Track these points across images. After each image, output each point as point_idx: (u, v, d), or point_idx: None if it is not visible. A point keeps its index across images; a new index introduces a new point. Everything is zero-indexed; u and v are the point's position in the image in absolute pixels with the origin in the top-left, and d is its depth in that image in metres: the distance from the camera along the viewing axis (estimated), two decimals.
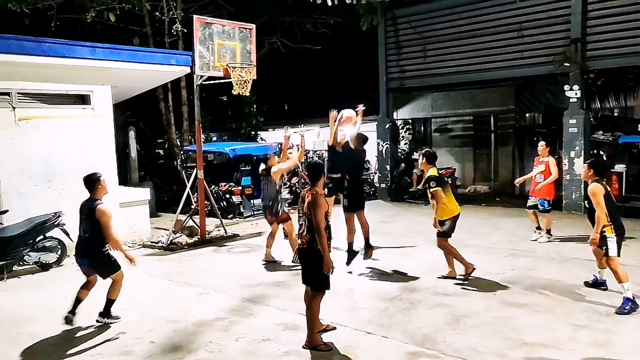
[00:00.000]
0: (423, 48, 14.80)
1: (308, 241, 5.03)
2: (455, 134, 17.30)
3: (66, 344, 5.32)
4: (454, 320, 5.63)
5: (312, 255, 5.02)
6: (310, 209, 4.96)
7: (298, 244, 5.31)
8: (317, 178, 5.23)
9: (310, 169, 5.51)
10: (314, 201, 4.98)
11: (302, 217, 5.11)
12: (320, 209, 4.94)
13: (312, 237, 4.96)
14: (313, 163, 5.57)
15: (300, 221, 5.16)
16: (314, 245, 4.96)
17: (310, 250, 5.03)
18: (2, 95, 8.58)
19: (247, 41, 10.33)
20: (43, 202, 8.75)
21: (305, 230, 5.05)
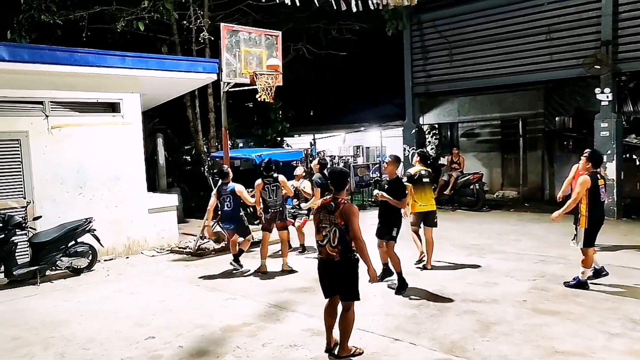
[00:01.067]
0: (449, 52, 14.69)
1: (340, 252, 4.76)
2: (482, 139, 17.08)
3: (97, 348, 5.40)
4: (483, 328, 5.53)
5: (347, 265, 4.81)
6: (345, 218, 4.70)
7: (321, 257, 4.96)
8: (343, 186, 4.97)
9: (336, 175, 5.09)
10: (350, 209, 4.75)
11: (327, 227, 4.80)
12: (356, 217, 4.74)
13: (345, 247, 4.74)
14: (338, 170, 5.37)
15: (324, 232, 4.83)
16: (350, 256, 4.78)
17: (344, 261, 4.80)
18: (36, 104, 8.83)
19: (273, 48, 10.42)
20: (75, 208, 8.96)
21: (336, 240, 4.75)
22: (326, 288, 5.03)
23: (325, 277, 5.00)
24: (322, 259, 4.94)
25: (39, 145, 8.77)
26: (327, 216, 4.82)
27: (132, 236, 9.89)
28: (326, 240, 4.82)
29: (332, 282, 4.95)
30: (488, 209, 13.77)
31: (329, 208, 4.85)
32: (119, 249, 9.73)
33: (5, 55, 8.01)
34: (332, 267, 4.88)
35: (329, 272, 4.94)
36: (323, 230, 4.85)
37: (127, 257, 9.68)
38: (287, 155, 14.68)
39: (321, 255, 4.95)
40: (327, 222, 4.82)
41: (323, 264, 4.96)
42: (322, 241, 4.88)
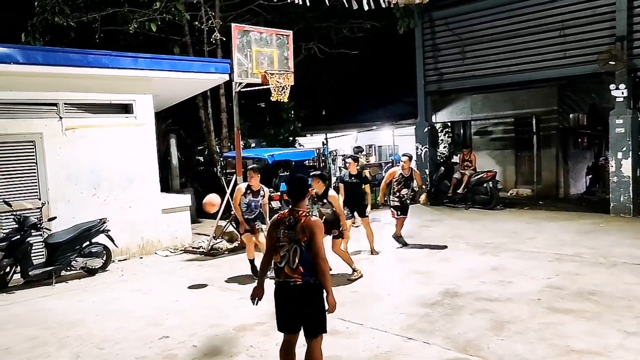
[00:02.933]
0: (461, 50, 14.60)
1: (302, 274, 3.98)
2: (495, 137, 16.95)
3: (112, 347, 5.44)
4: (498, 326, 5.49)
5: (311, 291, 4.02)
6: (307, 233, 3.96)
7: (279, 280, 4.11)
8: (303, 195, 4.21)
9: (293, 184, 4.35)
10: (314, 223, 4.02)
11: (285, 246, 4.03)
12: (321, 232, 4.02)
13: (308, 268, 3.97)
14: (296, 177, 4.43)
15: (282, 252, 4.05)
16: (314, 280, 4.00)
17: (307, 286, 4.00)
18: (50, 105, 8.92)
19: (284, 47, 10.42)
20: (89, 209, 9.04)
21: (297, 260, 3.98)
22: (284, 320, 4.18)
23: (283, 306, 4.14)
24: (280, 282, 4.10)
25: (53, 146, 8.86)
26: (286, 233, 4.06)
27: (145, 236, 9.96)
28: (284, 262, 4.04)
29: (292, 313, 4.09)
30: (502, 208, 13.66)
31: (287, 223, 4.08)
32: (133, 249, 9.80)
33: (20, 58, 8.12)
34: (293, 292, 4.03)
35: (289, 300, 4.08)
36: (281, 250, 4.06)
37: (141, 257, 9.74)
38: (299, 154, 14.70)
39: (279, 279, 4.11)
40: (285, 240, 4.05)
41: (281, 289, 4.11)
42: (280, 262, 4.08)
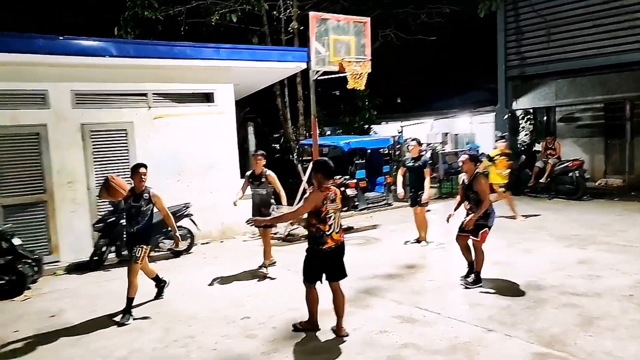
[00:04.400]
0: (547, 32, 13.89)
1: (342, 234, 5.26)
2: (583, 124, 16.03)
3: (199, 324, 5.74)
4: (585, 322, 5.24)
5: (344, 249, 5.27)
6: (340, 202, 5.23)
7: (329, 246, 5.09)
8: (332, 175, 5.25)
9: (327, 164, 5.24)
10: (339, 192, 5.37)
11: (332, 216, 5.07)
12: None
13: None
14: (324, 159, 5.48)
15: (330, 221, 5.06)
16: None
17: (343, 244, 5.25)
18: (140, 96, 9.43)
19: (361, 35, 10.36)
20: (173, 194, 9.46)
21: (339, 225, 5.17)
22: (320, 272, 5.25)
23: (330, 263, 5.20)
24: (332, 247, 5.11)
25: (143, 134, 9.38)
26: (331, 206, 5.09)
27: (225, 221, 10.33)
28: (331, 229, 5.07)
29: (336, 267, 5.24)
30: (589, 198, 12.94)
31: (330, 198, 5.10)
32: (214, 233, 10.21)
33: (114, 51, 8.63)
34: (341, 250, 5.23)
35: (337, 257, 5.22)
36: (329, 220, 5.06)
37: (222, 241, 10.13)
38: (374, 142, 14.63)
39: (328, 244, 5.08)
40: (332, 211, 5.08)
41: (333, 251, 5.14)
42: (327, 231, 5.06)
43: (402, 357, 4.70)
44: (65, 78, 8.62)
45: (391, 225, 10.95)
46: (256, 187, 7.77)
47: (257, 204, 7.75)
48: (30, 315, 6.28)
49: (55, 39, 8.25)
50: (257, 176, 7.73)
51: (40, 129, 8.45)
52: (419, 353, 4.75)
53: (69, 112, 8.70)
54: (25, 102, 8.39)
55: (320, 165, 5.23)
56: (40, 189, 8.49)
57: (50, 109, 8.55)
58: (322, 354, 4.85)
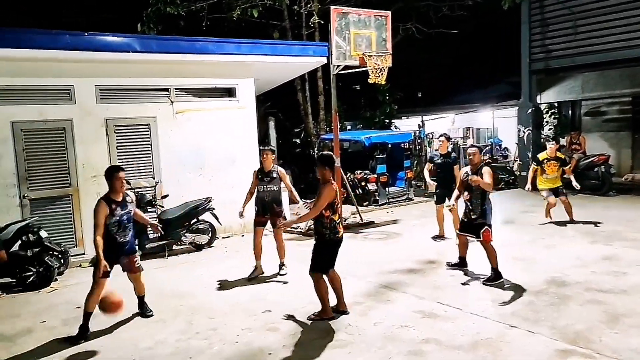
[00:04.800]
0: (573, 24, 13.61)
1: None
2: (609, 118, 15.72)
3: (222, 316, 5.80)
4: (611, 319, 5.16)
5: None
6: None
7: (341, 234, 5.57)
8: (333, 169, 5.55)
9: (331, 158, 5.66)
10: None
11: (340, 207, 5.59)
12: None
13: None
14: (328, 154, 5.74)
15: (339, 210, 5.62)
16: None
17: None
18: (163, 91, 9.53)
19: (382, 29, 10.31)
20: (195, 188, 9.60)
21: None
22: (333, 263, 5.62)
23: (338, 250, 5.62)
24: (342, 235, 5.57)
25: (164, 129, 9.48)
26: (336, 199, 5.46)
27: (247, 216, 10.37)
28: (340, 218, 5.56)
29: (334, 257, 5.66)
30: (615, 194, 12.71)
31: (335, 188, 5.48)
32: (235, 227, 10.27)
33: (137, 46, 8.73)
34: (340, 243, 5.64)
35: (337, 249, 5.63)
36: (338, 210, 5.51)
37: (243, 235, 10.19)
38: (395, 137, 14.57)
39: (341, 232, 5.56)
40: (339, 202, 5.55)
41: (341, 239, 5.57)
42: (338, 220, 5.51)
43: (424, 352, 4.68)
44: (90, 74, 8.75)
45: (412, 220, 10.90)
46: (267, 183, 7.25)
47: (268, 201, 7.24)
48: (57, 307, 6.42)
49: (81, 35, 8.37)
50: (268, 172, 7.27)
51: (66, 124, 8.60)
52: (440, 348, 4.74)
53: (93, 107, 8.84)
54: (52, 98, 8.55)
55: (326, 160, 5.50)
56: (66, 182, 8.65)
57: (75, 104, 8.70)
58: (344, 348, 4.86)
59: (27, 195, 8.30)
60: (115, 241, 5.46)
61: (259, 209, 7.33)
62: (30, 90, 8.38)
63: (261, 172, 7.33)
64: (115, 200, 5.48)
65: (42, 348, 5.21)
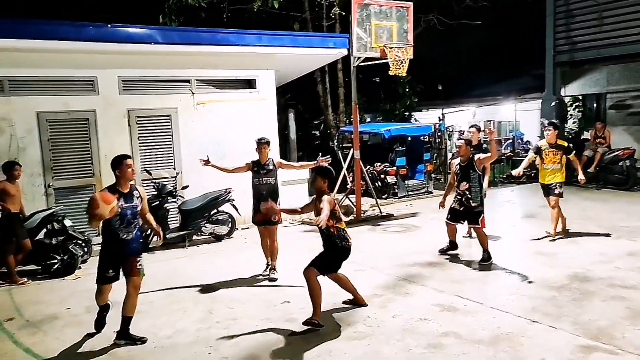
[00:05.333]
0: (599, 15, 13.32)
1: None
2: (635, 111, 15.33)
3: (241, 306, 5.85)
4: (635, 315, 5.07)
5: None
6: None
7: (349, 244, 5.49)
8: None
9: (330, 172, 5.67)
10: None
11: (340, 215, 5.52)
12: None
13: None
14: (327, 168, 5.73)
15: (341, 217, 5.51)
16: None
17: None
18: (184, 82, 9.59)
19: (404, 20, 10.22)
20: (215, 179, 9.58)
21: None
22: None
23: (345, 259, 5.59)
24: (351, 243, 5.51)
25: (186, 120, 9.55)
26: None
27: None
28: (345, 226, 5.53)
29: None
30: None
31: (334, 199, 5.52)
32: None
33: (159, 38, 8.80)
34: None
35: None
36: (340, 217, 5.47)
37: None
38: (415, 130, 14.47)
39: (350, 240, 5.50)
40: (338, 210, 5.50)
41: (350, 247, 5.51)
42: (344, 228, 5.48)
43: (443, 345, 4.67)
44: (112, 65, 8.85)
45: (431, 214, 10.82)
46: (264, 176, 6.98)
47: (265, 195, 6.82)
48: (81, 294, 6.53)
49: (104, 26, 8.47)
50: (264, 164, 7.01)
51: (89, 115, 8.72)
52: (460, 342, 4.71)
53: (116, 97, 8.94)
54: (76, 89, 8.67)
55: (326, 173, 5.55)
56: (89, 172, 8.78)
57: (99, 95, 8.81)
58: (363, 340, 4.86)
59: (51, 184, 8.45)
60: (118, 237, 4.92)
61: (255, 205, 6.96)
62: (55, 81, 8.52)
63: (257, 164, 7.02)
64: (121, 191, 4.94)
65: (66, 335, 5.31)
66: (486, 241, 7.11)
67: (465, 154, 7.14)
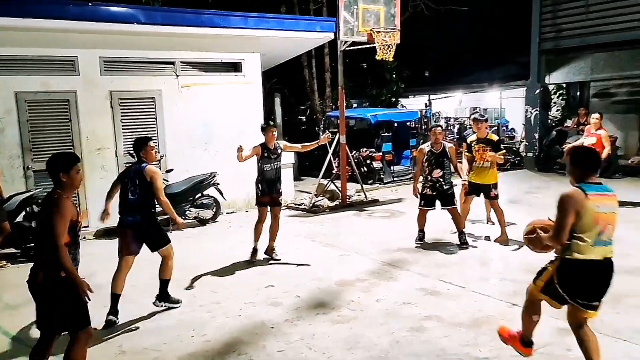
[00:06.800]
0: (586, 2, 13.36)
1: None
2: (618, 99, 15.51)
3: (225, 290, 5.83)
4: (613, 299, 5.06)
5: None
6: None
7: None
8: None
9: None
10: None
11: None
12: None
13: None
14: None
15: None
16: None
17: None
18: (168, 64, 9.44)
19: (391, 4, 10.16)
20: (200, 163, 9.57)
21: None
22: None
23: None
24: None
25: (170, 103, 9.42)
26: None
27: (251, 192, 10.22)
28: None
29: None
30: (621, 176, 12.64)
31: None
32: (239, 203, 10.28)
33: (142, 18, 8.63)
34: None
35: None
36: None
37: (247, 211, 10.20)
38: (401, 115, 14.49)
39: None
40: None
41: None
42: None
43: (425, 328, 4.70)
44: (93, 44, 8.67)
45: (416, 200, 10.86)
46: (274, 160, 6.93)
47: (274, 179, 6.93)
48: None
49: (85, 5, 8.27)
50: (274, 149, 6.94)
51: (69, 95, 8.55)
52: (442, 325, 4.75)
53: (97, 78, 8.78)
54: (55, 69, 8.49)
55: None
56: None
57: (79, 75, 8.64)
58: (346, 323, 4.88)
59: (31, 166, 8.30)
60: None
61: (264, 188, 6.93)
62: (34, 61, 8.33)
63: (267, 149, 6.91)
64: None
65: None
66: (461, 222, 7.39)
67: (439, 140, 7.38)
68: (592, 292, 3.56)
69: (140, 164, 5.30)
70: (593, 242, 3.42)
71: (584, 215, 3.41)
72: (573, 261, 3.49)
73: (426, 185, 7.44)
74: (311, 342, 4.54)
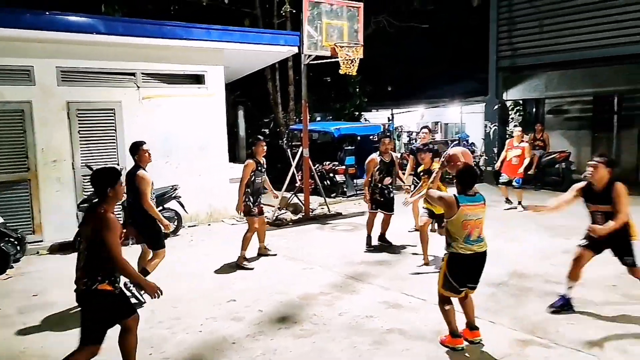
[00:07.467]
0: (540, 23, 13.88)
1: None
2: (571, 116, 16.11)
3: (184, 306, 5.71)
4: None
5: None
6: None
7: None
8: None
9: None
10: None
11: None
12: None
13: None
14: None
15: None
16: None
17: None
18: (129, 75, 9.28)
19: (354, 20, 10.30)
20: (162, 176, 9.34)
21: None
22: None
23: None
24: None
25: (131, 115, 9.24)
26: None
27: (213, 204, 10.27)
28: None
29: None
30: None
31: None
32: (202, 216, 10.15)
33: (102, 28, 8.47)
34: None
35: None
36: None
37: (209, 224, 10.08)
38: (364, 129, 14.62)
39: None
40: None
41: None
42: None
43: (387, 341, 4.72)
44: (50, 54, 8.46)
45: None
46: (263, 173, 7.36)
47: (261, 191, 7.44)
48: (13, 294, 6.22)
49: (42, 14, 8.07)
50: (263, 163, 7.40)
51: (24, 106, 8.30)
52: (404, 338, 4.78)
53: (54, 89, 8.55)
54: (10, 79, 8.22)
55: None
56: (24, 167, 8.36)
57: (35, 85, 8.39)
58: (309, 337, 4.85)
59: None
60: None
61: (254, 200, 7.29)
62: None
63: (259, 163, 7.26)
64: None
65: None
66: (387, 227, 8.17)
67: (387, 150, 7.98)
68: (473, 276, 4.54)
69: (136, 168, 5.93)
70: (463, 241, 4.37)
71: (455, 221, 4.35)
72: (455, 254, 4.42)
73: (376, 192, 7.95)
74: (273, 357, 4.49)
